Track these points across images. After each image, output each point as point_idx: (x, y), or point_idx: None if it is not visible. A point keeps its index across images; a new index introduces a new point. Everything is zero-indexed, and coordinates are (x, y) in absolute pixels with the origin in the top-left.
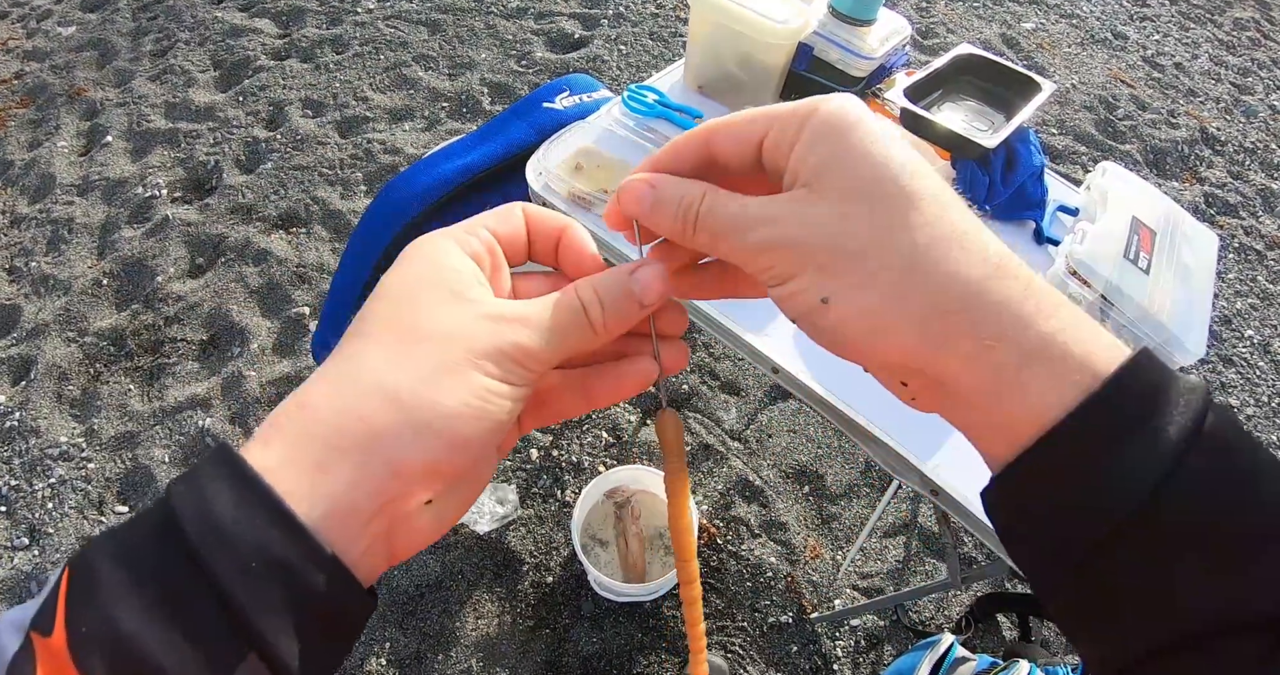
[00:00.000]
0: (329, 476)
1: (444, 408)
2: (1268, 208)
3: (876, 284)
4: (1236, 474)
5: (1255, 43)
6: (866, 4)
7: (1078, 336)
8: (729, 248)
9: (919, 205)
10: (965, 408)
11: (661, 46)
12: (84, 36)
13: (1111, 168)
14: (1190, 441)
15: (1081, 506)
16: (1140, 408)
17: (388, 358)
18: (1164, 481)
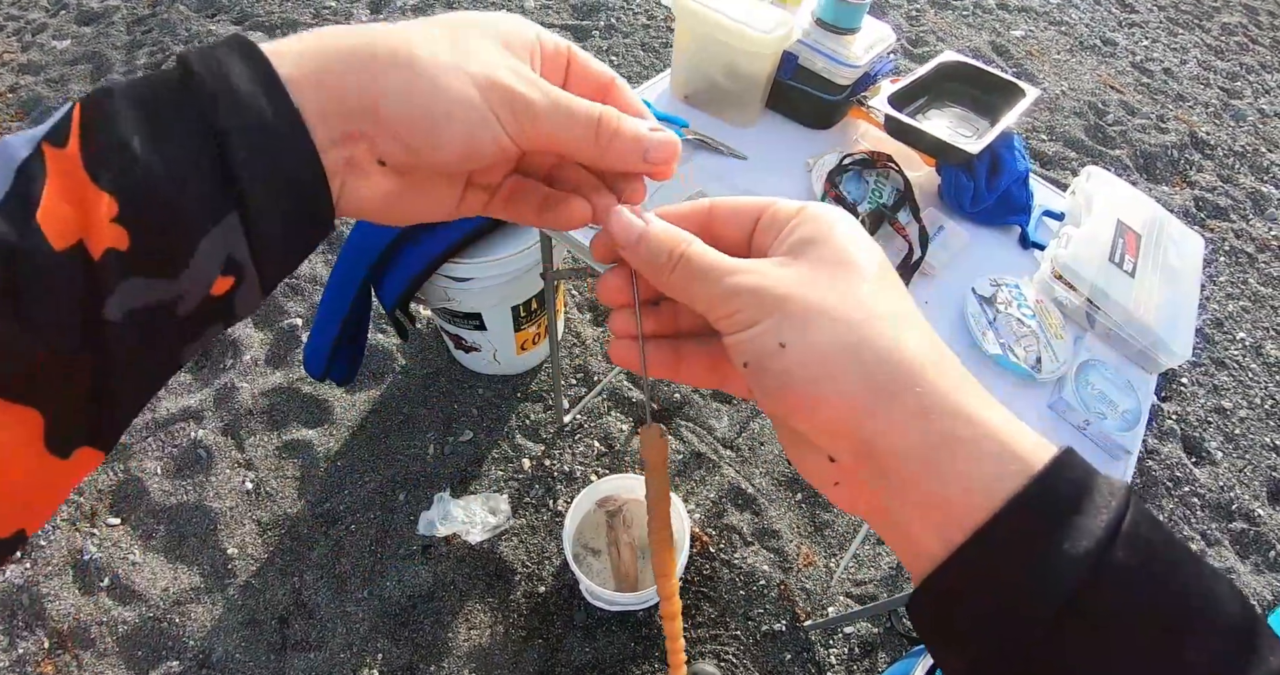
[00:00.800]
0: (322, 85)
1: (440, 95)
2: (1258, 211)
3: (834, 335)
4: (1156, 567)
5: (1243, 47)
6: (850, 12)
7: (1010, 428)
8: (701, 290)
9: (885, 287)
10: (896, 488)
11: (653, 57)
12: (79, 50)
13: (1096, 172)
14: (1112, 538)
15: (1014, 605)
16: (1070, 504)
17: (424, 38)
18: (1088, 580)
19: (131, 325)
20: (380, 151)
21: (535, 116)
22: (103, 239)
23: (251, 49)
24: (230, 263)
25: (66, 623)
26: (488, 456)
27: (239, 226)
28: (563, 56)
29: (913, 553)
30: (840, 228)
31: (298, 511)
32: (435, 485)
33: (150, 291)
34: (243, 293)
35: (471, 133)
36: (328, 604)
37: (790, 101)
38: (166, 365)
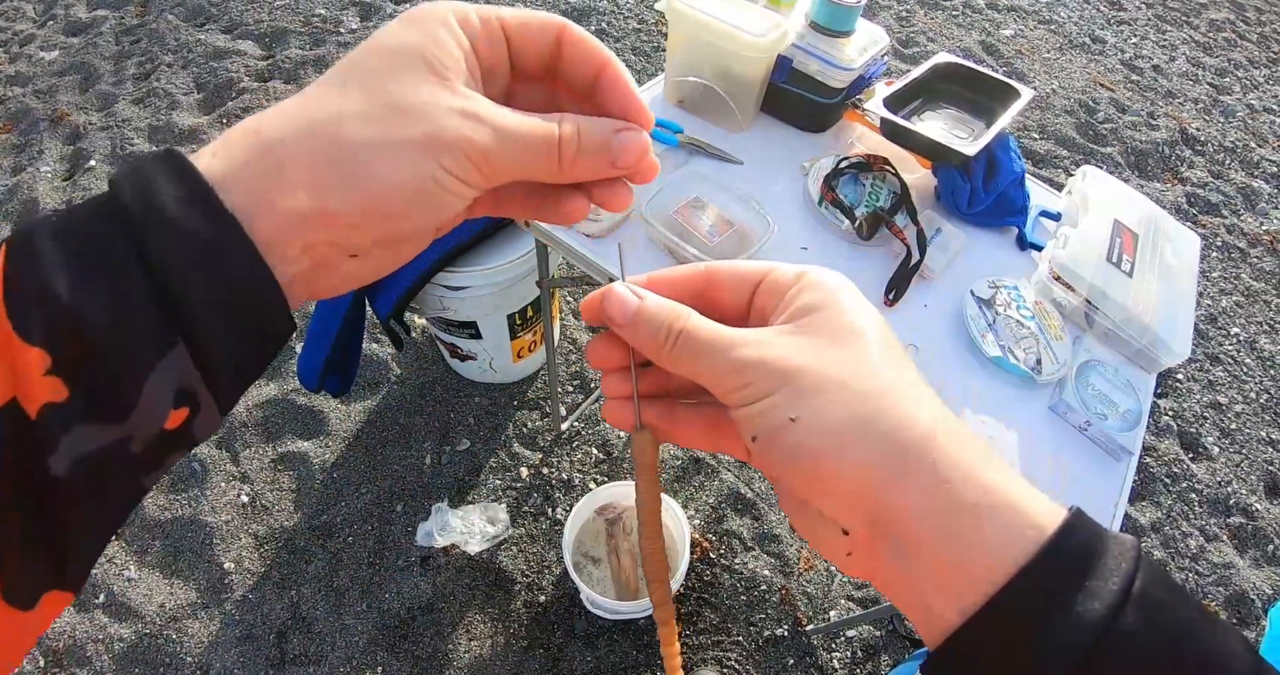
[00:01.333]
0: (258, 193)
1: (389, 181)
2: (1249, 206)
3: (847, 408)
4: (1166, 632)
5: (1231, 43)
6: (844, 15)
7: (1022, 493)
8: (705, 364)
9: (890, 355)
10: (912, 558)
11: (644, 61)
12: (67, 61)
13: (1092, 172)
14: (1124, 601)
15: (1026, 670)
16: (1081, 568)
17: (355, 115)
18: (1099, 642)
19: (81, 473)
20: (347, 247)
21: (488, 157)
22: (38, 395)
23: (183, 166)
24: (182, 394)
25: (62, 641)
26: (485, 466)
27: (188, 359)
28: (495, 29)
29: (928, 620)
30: (843, 295)
31: (294, 524)
32: (433, 496)
33: (98, 437)
34: (200, 420)
35: (429, 200)
36: (326, 617)
37: (785, 105)
38: (127, 500)
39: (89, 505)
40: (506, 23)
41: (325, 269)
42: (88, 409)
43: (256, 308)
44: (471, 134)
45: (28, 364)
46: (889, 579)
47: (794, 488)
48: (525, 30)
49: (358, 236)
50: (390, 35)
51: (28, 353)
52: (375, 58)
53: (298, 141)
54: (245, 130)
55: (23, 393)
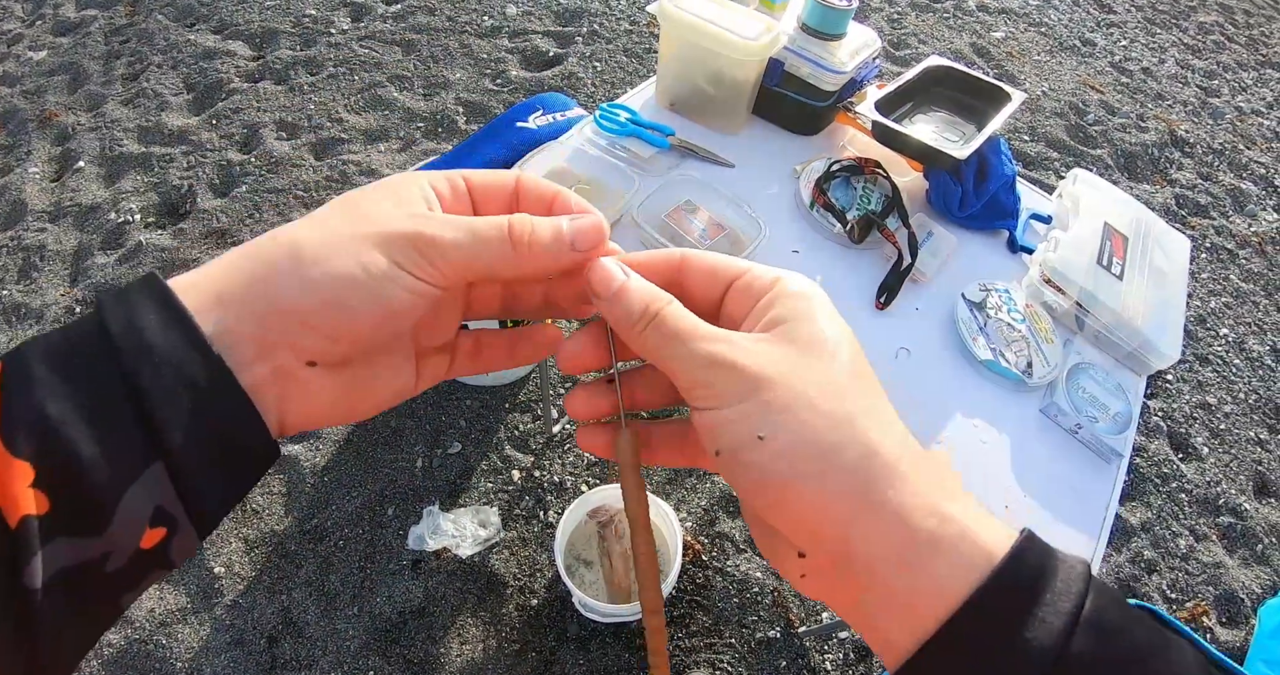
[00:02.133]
0: (223, 306)
1: (332, 268)
2: (1237, 207)
3: (817, 432)
4: (1117, 655)
5: (1220, 46)
6: (836, 19)
7: (971, 517)
8: (674, 352)
9: (860, 376)
10: (865, 584)
11: (636, 63)
12: (55, 61)
13: (1083, 175)
14: (1074, 625)
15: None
16: (1030, 593)
17: (314, 223)
18: (1055, 665)
19: (57, 588)
20: (304, 352)
21: (442, 249)
22: (18, 506)
23: (164, 293)
24: (159, 514)
25: None
26: (477, 469)
27: (165, 478)
28: (459, 183)
29: (884, 647)
30: (818, 308)
31: (285, 528)
32: (424, 499)
33: (76, 552)
34: (177, 542)
35: (380, 293)
36: (317, 622)
37: (777, 108)
38: (103, 618)
39: (64, 620)
40: (469, 178)
41: (291, 383)
42: (66, 522)
43: (234, 434)
44: (423, 227)
45: (13, 476)
46: (842, 605)
47: (755, 508)
48: (486, 181)
49: (309, 336)
50: (371, 184)
51: (13, 465)
52: (349, 196)
53: (261, 254)
54: (226, 253)
55: (5, 504)
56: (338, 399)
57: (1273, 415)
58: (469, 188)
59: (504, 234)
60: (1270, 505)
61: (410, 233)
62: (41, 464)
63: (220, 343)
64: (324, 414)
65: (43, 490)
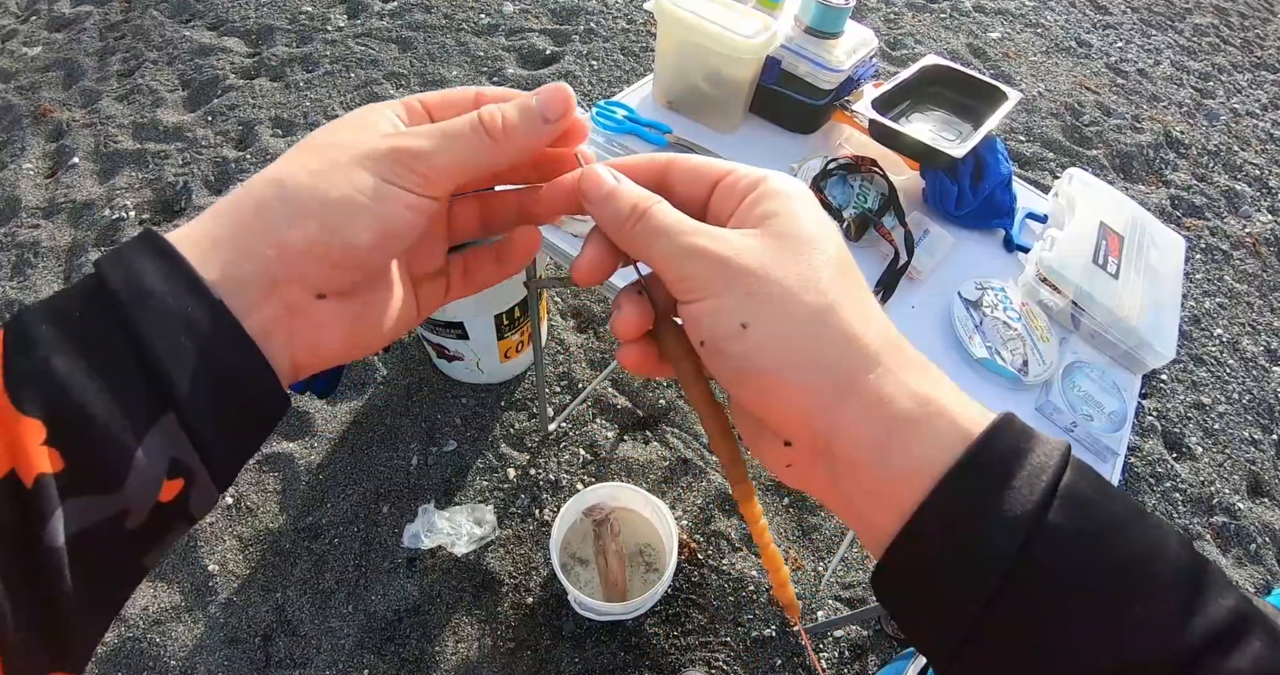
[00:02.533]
0: (222, 251)
1: (324, 194)
2: (1232, 208)
3: (799, 321)
4: (1094, 527)
5: (1215, 48)
6: (834, 17)
7: (956, 403)
8: (661, 248)
9: (846, 271)
10: (846, 470)
11: (633, 61)
12: (50, 56)
13: (1079, 174)
14: (1050, 498)
15: (962, 573)
16: (1005, 468)
17: (288, 160)
18: (1028, 540)
19: (79, 549)
20: (312, 284)
21: (425, 156)
22: (33, 465)
23: (162, 245)
24: (176, 465)
25: None
26: (472, 467)
27: (177, 427)
28: (420, 112)
29: (868, 531)
30: (802, 204)
31: (279, 526)
32: (419, 497)
33: (94, 510)
34: (196, 494)
35: (377, 212)
36: (311, 620)
37: (774, 106)
38: (127, 578)
39: (87, 582)
40: (425, 99)
41: (300, 319)
42: (82, 480)
43: (241, 378)
44: (399, 141)
45: (25, 435)
46: (826, 491)
47: (739, 398)
48: (444, 98)
49: (314, 266)
50: (335, 120)
51: (24, 423)
52: (318, 132)
53: (249, 195)
54: (215, 204)
55: (20, 464)
56: (348, 331)
57: (1266, 415)
58: (426, 109)
59: (477, 126)
60: (1263, 505)
61: (388, 148)
62: (52, 421)
63: (223, 287)
64: (337, 348)
65: (55, 448)
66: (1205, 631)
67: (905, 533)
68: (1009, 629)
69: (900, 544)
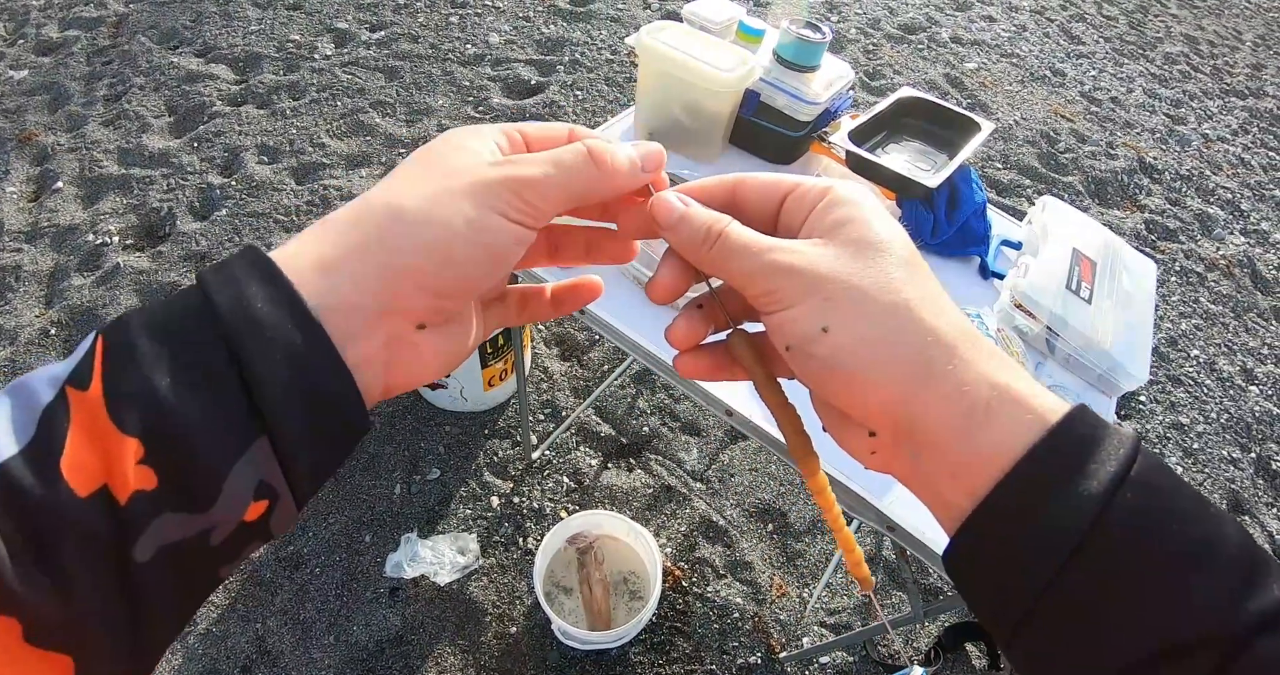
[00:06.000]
0: (330, 277)
1: (437, 227)
2: (1205, 231)
3: (876, 320)
4: (1160, 511)
5: (1185, 75)
6: (810, 51)
7: (1032, 392)
8: (740, 266)
9: (917, 270)
10: (929, 454)
11: (617, 92)
12: (36, 80)
13: (1051, 202)
14: (1120, 482)
15: (1033, 547)
16: (1081, 452)
17: (401, 183)
18: (1097, 520)
19: (163, 562)
20: (415, 315)
21: (535, 185)
22: (128, 482)
23: (268, 267)
24: (263, 487)
25: None
26: (455, 495)
27: (270, 452)
28: (516, 136)
29: (945, 511)
30: (870, 211)
31: (260, 555)
32: (402, 525)
33: (181, 527)
34: (278, 513)
35: (489, 243)
36: (292, 651)
37: (753, 138)
38: (203, 589)
39: (167, 593)
40: (524, 130)
41: (401, 347)
42: (175, 498)
43: (336, 408)
44: (512, 171)
45: (123, 453)
46: (908, 475)
47: (825, 396)
48: (541, 133)
49: (424, 298)
50: (437, 140)
51: (124, 442)
52: (423, 153)
53: (362, 220)
54: (317, 223)
55: (115, 481)
56: (437, 355)
57: (1244, 434)
58: (525, 139)
59: (587, 157)
60: (1244, 523)
61: (503, 178)
62: (150, 441)
63: (329, 316)
64: (428, 374)
65: (151, 467)
66: (1259, 613)
67: (982, 509)
68: (1072, 603)
69: (975, 520)
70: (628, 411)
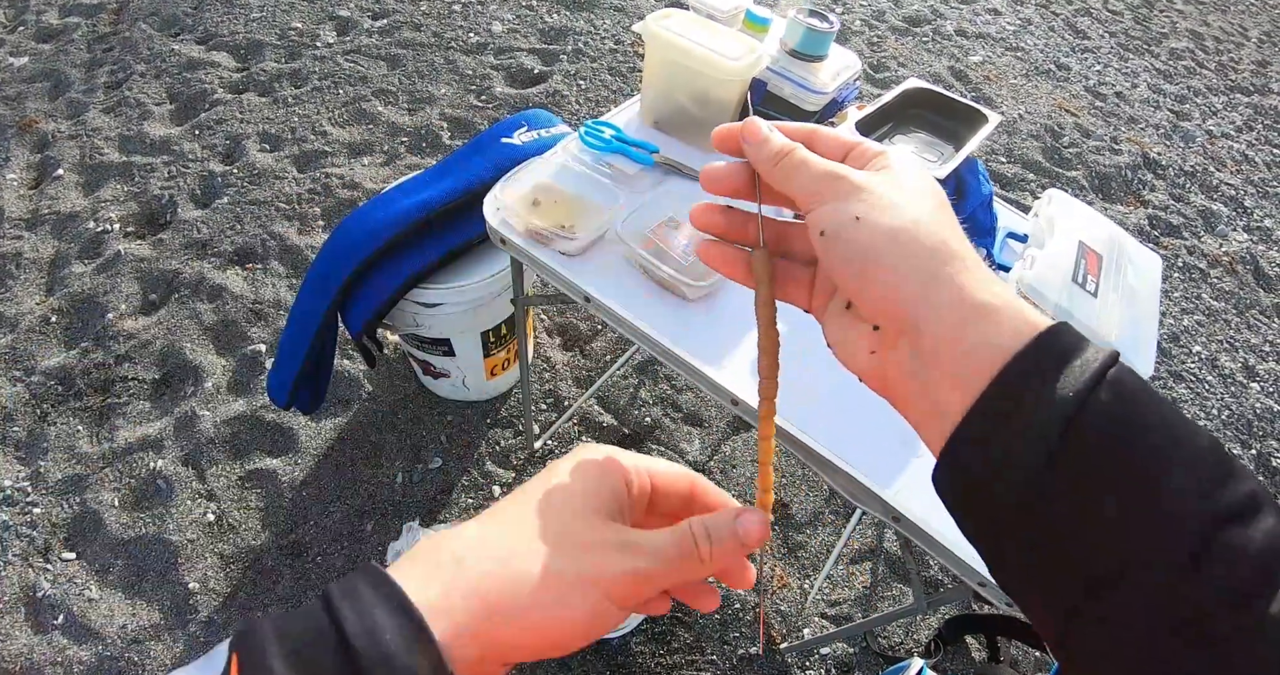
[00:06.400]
0: (443, 619)
1: (561, 617)
2: (1209, 228)
3: (900, 220)
4: (1137, 408)
5: (1190, 71)
6: (818, 40)
7: (1017, 301)
8: (799, 175)
9: (941, 206)
10: (928, 350)
11: (620, 81)
12: (37, 67)
13: (1058, 195)
14: (1097, 382)
15: (1024, 439)
16: (1064, 355)
17: (538, 550)
18: (1078, 412)
19: None
20: (510, 664)
21: (653, 581)
22: None
23: (403, 603)
24: None
25: (18, 663)
26: (457, 484)
27: None
28: (646, 484)
29: (937, 413)
30: (915, 169)
31: (262, 543)
32: (404, 514)
33: None
34: None
35: (596, 626)
36: None
37: None
38: None
39: None
40: (655, 477)
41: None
42: None
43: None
44: (631, 564)
45: None
46: (903, 379)
47: (845, 284)
48: (668, 483)
49: (526, 656)
50: (571, 479)
51: None
52: (557, 496)
53: (480, 583)
54: (451, 558)
55: None
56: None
57: (1245, 431)
58: (653, 485)
59: (693, 553)
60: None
61: (629, 574)
62: None
63: (444, 653)
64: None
65: None
66: (1228, 504)
67: (978, 404)
68: (1059, 495)
69: (971, 419)
70: (630, 402)
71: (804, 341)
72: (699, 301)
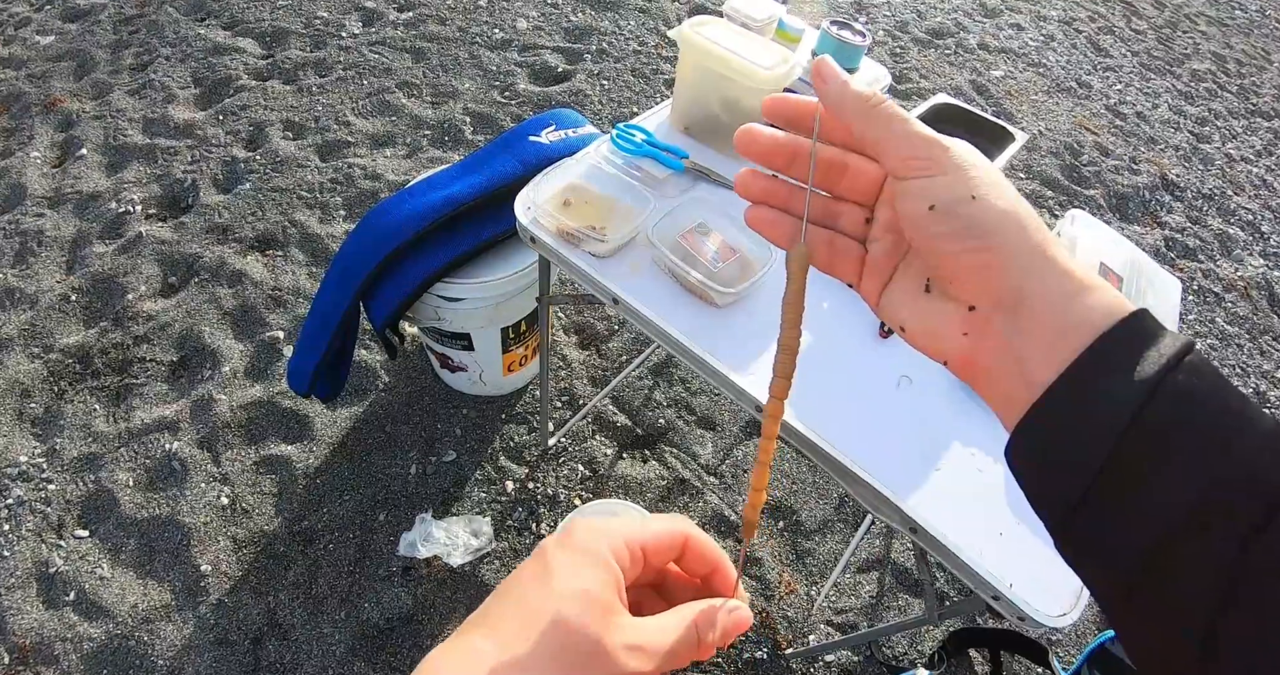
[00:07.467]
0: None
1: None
2: (1225, 252)
3: (1010, 201)
4: (1209, 388)
5: (1212, 94)
6: (850, 53)
7: (1103, 282)
8: (895, 130)
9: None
10: (1027, 324)
11: (643, 83)
12: (63, 46)
13: (1080, 215)
14: (1174, 364)
15: (1100, 412)
16: (1146, 338)
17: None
18: (1157, 387)
19: None
20: None
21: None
22: None
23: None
24: None
25: (29, 638)
26: (470, 478)
27: None
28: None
29: (1025, 385)
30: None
31: (274, 529)
32: (417, 506)
33: None
34: None
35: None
36: (303, 625)
37: None
38: None
39: None
40: (647, 548)
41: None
42: None
43: None
44: (636, 666)
45: None
46: (995, 351)
47: (949, 261)
48: (659, 546)
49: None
50: (567, 579)
51: None
52: (555, 604)
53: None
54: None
55: None
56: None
57: None
58: (644, 553)
59: (694, 638)
60: None
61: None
62: None
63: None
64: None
65: None
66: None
67: (1070, 370)
68: (1134, 460)
69: (1057, 386)
70: (644, 403)
71: (827, 351)
72: (727, 308)
